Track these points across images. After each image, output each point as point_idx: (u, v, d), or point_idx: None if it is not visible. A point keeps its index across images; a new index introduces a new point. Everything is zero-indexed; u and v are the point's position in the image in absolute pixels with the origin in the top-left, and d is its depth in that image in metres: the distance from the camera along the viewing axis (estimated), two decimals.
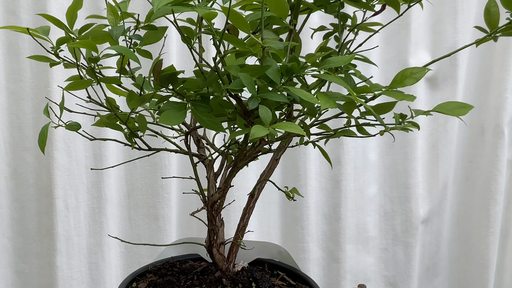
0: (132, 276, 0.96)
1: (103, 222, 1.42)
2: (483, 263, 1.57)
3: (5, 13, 1.28)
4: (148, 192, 1.44)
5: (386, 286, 1.63)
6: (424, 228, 1.60)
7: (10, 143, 1.34)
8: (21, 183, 1.36)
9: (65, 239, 1.38)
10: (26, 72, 1.31)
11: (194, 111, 0.71)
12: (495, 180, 1.54)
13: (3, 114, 1.32)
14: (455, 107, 0.77)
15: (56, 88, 1.31)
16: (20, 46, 1.30)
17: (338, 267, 1.59)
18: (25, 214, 1.37)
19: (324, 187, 1.56)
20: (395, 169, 1.57)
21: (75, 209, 1.39)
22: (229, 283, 0.88)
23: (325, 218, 1.58)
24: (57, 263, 1.38)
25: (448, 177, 1.58)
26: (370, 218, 1.59)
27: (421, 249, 1.62)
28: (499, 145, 1.52)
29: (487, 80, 1.52)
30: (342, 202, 1.56)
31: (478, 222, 1.58)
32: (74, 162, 1.37)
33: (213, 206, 0.87)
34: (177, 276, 0.93)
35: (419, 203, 1.57)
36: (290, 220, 1.56)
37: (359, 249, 1.61)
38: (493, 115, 1.52)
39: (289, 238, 1.58)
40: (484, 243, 1.57)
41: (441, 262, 1.65)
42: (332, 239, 1.58)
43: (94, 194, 1.40)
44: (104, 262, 1.43)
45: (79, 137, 1.37)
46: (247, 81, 0.66)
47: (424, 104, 1.53)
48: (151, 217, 1.45)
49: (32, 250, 1.39)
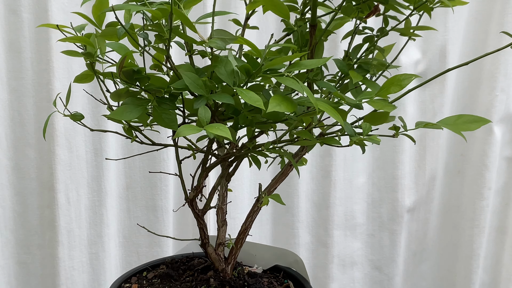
0: (146, 265, 1.00)
1: (103, 214, 1.45)
2: (468, 254, 1.64)
3: (6, 12, 1.28)
4: (147, 184, 1.47)
5: (371, 269, 1.71)
6: (411, 216, 1.67)
7: (12, 138, 1.35)
8: (23, 177, 1.38)
9: (67, 231, 1.42)
10: (28, 69, 1.31)
11: (155, 107, 0.71)
12: (482, 175, 1.59)
13: (5, 110, 1.33)
14: (465, 122, 0.73)
15: (57, 85, 1.32)
16: (21, 44, 1.30)
17: (326, 251, 1.66)
18: (27, 207, 1.40)
19: (315, 176, 1.61)
20: (383, 161, 1.62)
21: (76, 202, 1.42)
22: (216, 284, 0.89)
23: (315, 206, 1.63)
24: (59, 254, 1.42)
25: (436, 169, 1.64)
26: (358, 206, 1.66)
27: (408, 236, 1.69)
28: (487, 141, 1.57)
29: (478, 78, 1.56)
30: (331, 191, 1.61)
31: (465, 214, 1.64)
32: (75, 157, 1.39)
33: (193, 204, 0.88)
34: (182, 271, 0.96)
35: (405, 193, 1.64)
36: (281, 207, 1.61)
37: (347, 234, 1.67)
38: (483, 112, 1.55)
39: (280, 224, 1.63)
40: (469, 234, 1.64)
41: (429, 248, 1.71)
42: (321, 225, 1.64)
43: (94, 187, 1.43)
44: (104, 252, 1.47)
45: (80, 133, 1.39)
46: (189, 81, 0.66)
47: (413, 100, 1.57)
48: (149, 209, 1.49)
49: (34, 242, 1.42)
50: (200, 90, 0.66)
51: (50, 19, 1.27)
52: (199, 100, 0.66)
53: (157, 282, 0.94)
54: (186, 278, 0.94)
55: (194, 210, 0.88)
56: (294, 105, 0.64)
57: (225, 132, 0.60)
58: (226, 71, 0.66)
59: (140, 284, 0.94)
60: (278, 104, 0.63)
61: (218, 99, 0.67)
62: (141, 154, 1.30)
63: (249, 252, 1.02)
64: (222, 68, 0.66)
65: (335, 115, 0.65)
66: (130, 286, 0.94)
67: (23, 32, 1.29)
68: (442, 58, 1.53)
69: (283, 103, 0.63)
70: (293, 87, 0.63)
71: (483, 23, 1.51)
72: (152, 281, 0.95)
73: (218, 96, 0.67)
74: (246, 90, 0.65)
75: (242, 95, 0.63)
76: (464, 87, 1.58)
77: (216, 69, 0.66)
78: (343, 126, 0.67)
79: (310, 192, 1.62)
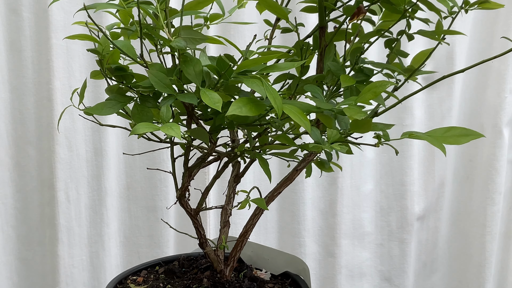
0: (158, 260, 1.02)
1: (103, 213, 1.46)
2: (480, 262, 1.58)
3: (7, 11, 1.32)
4: (147, 184, 1.48)
5: (381, 280, 1.65)
6: (420, 224, 1.62)
7: (13, 136, 1.38)
8: (24, 175, 1.41)
9: (66, 229, 1.44)
10: (28, 68, 1.35)
11: (135, 104, 0.71)
12: (492, 180, 1.54)
13: (6, 109, 1.36)
14: (455, 135, 0.68)
15: (57, 84, 1.35)
16: (22, 43, 1.33)
17: (334, 262, 1.62)
18: (28, 204, 1.43)
19: (321, 183, 1.58)
20: (391, 167, 1.58)
21: (76, 201, 1.44)
22: (209, 284, 0.89)
23: (322, 213, 1.60)
24: (59, 252, 1.43)
25: (445, 175, 1.59)
26: (366, 214, 1.61)
27: (417, 245, 1.64)
28: (497, 144, 1.52)
29: (485, 80, 1.52)
30: (338, 198, 1.58)
31: (476, 221, 1.59)
32: (75, 156, 1.41)
33: (183, 202, 0.87)
34: (190, 269, 0.97)
35: (414, 200, 1.59)
36: (287, 215, 1.59)
37: (355, 244, 1.63)
38: (491, 114, 1.52)
39: (286, 233, 1.61)
40: (481, 242, 1.58)
41: (440, 258, 1.66)
42: (328, 234, 1.61)
43: (95, 186, 1.45)
44: (104, 251, 1.48)
45: (80, 132, 1.41)
46: (155, 80, 0.66)
47: (421, 103, 1.54)
48: (150, 209, 1.49)
49: (35, 238, 1.45)
50: (167, 89, 0.67)
51: (51, 18, 1.31)
52: (166, 99, 0.67)
53: (162, 277, 0.96)
54: (188, 276, 0.95)
55: (186, 209, 0.89)
56: (259, 108, 0.63)
57: (175, 132, 0.61)
58: (194, 71, 0.67)
59: (147, 277, 0.96)
60: (240, 107, 0.62)
61: (182, 99, 0.67)
62: (141, 153, 1.32)
63: (262, 256, 1.01)
64: (191, 68, 0.67)
65: (300, 121, 0.63)
66: (136, 279, 0.96)
67: (24, 32, 1.33)
68: (449, 60, 1.50)
69: (246, 106, 0.62)
70: (255, 89, 0.62)
71: (489, 25, 1.49)
72: (159, 275, 0.97)
73: (182, 96, 0.67)
74: (210, 91, 0.64)
75: (203, 95, 0.63)
76: (472, 89, 1.54)
77: (184, 69, 0.67)
78: (309, 132, 0.65)
79: (317, 199, 1.59)
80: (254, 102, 0.63)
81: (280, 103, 0.62)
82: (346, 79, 0.71)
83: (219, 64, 0.66)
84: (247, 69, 0.66)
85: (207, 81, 0.68)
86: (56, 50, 1.33)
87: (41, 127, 1.38)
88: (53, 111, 1.36)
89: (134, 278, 0.96)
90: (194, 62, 0.67)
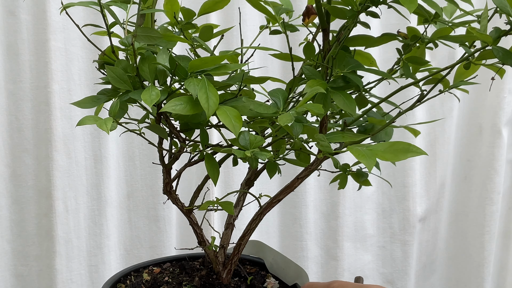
0: (167, 259, 0.99)
1: (103, 224, 1.40)
2: (479, 262, 1.59)
3: (4, 13, 1.26)
4: (148, 193, 1.43)
5: (383, 283, 1.64)
6: (422, 226, 1.62)
7: (9, 144, 1.32)
8: (20, 184, 1.34)
9: (65, 242, 1.37)
10: (26, 72, 1.29)
11: (120, 98, 0.71)
12: (491, 180, 1.55)
13: (2, 115, 1.30)
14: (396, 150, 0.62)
15: (55, 88, 1.30)
16: (19, 46, 1.28)
17: (336, 265, 1.60)
18: (24, 216, 1.36)
19: (323, 185, 1.56)
20: (393, 168, 1.58)
21: (75, 211, 1.37)
22: (199, 283, 0.87)
23: (324, 216, 1.58)
24: (57, 266, 1.37)
25: (445, 176, 1.60)
26: (368, 216, 1.60)
27: (418, 247, 1.64)
28: (496, 144, 1.54)
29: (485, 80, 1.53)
30: (340, 201, 1.56)
31: (475, 220, 1.59)
32: (73, 163, 1.35)
33: (171, 199, 0.86)
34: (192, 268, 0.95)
35: (416, 202, 1.58)
36: (289, 218, 1.56)
37: (357, 247, 1.62)
38: (490, 114, 1.53)
39: (287, 236, 1.58)
40: (480, 241, 1.59)
41: (438, 259, 1.66)
42: (330, 237, 1.59)
43: (94, 195, 1.39)
44: (104, 264, 1.42)
45: (79, 138, 1.36)
46: (112, 75, 0.67)
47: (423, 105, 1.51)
48: (151, 219, 1.44)
49: (31, 252, 1.38)
50: (123, 85, 0.68)
51: (49, 20, 1.26)
52: (122, 96, 0.69)
53: (168, 272, 0.94)
54: (195, 273, 0.92)
55: (178, 206, 0.87)
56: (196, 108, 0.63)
57: (106, 127, 0.63)
58: (149, 69, 0.68)
59: (154, 271, 0.94)
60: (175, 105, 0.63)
61: (132, 96, 0.68)
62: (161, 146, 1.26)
63: (280, 265, 0.98)
64: (146, 65, 0.68)
65: (230, 124, 0.62)
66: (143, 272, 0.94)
67: (21, 34, 1.27)
68: (450, 60, 1.50)
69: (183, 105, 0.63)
70: (189, 89, 0.62)
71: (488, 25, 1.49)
72: (169, 269, 0.95)
73: (132, 93, 0.68)
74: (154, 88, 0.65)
75: (144, 93, 0.64)
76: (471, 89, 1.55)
77: (139, 67, 0.68)
78: (236, 136, 0.64)
79: (318, 202, 1.57)
80: (193, 102, 0.63)
81: (214, 104, 0.62)
82: (311, 84, 0.66)
83: (171, 63, 0.68)
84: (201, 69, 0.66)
85: (161, 79, 0.69)
86: (55, 53, 1.28)
87: (39, 133, 1.32)
88: (51, 116, 1.30)
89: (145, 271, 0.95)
90: (150, 60, 0.68)
